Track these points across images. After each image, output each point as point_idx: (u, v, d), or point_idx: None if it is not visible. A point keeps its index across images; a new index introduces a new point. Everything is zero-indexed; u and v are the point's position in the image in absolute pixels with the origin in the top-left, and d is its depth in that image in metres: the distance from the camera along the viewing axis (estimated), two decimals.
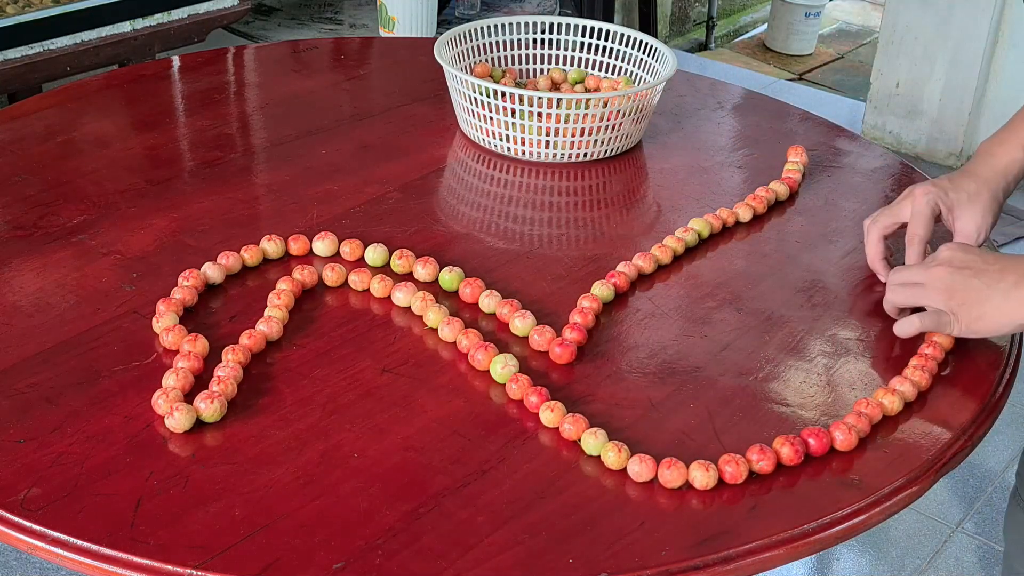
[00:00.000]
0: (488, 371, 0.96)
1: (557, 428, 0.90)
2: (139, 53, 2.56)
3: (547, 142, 1.31)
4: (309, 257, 1.12)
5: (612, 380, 0.98)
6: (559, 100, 1.30)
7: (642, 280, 1.12)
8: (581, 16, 2.12)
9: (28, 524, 0.79)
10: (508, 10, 3.38)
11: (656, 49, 1.41)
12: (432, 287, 1.08)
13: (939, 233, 1.12)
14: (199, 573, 0.75)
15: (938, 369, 1.00)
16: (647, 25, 3.86)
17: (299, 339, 1.00)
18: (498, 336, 1.02)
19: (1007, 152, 1.10)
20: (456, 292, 1.07)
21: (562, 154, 1.33)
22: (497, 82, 1.45)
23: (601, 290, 1.07)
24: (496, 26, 1.47)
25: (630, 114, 1.33)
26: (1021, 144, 1.10)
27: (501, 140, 1.33)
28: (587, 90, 1.47)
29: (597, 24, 1.46)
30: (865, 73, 3.46)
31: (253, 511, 0.80)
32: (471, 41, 1.45)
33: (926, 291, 1.00)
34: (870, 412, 0.93)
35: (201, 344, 0.96)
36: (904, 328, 1.02)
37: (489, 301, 1.05)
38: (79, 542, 0.77)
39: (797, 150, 1.35)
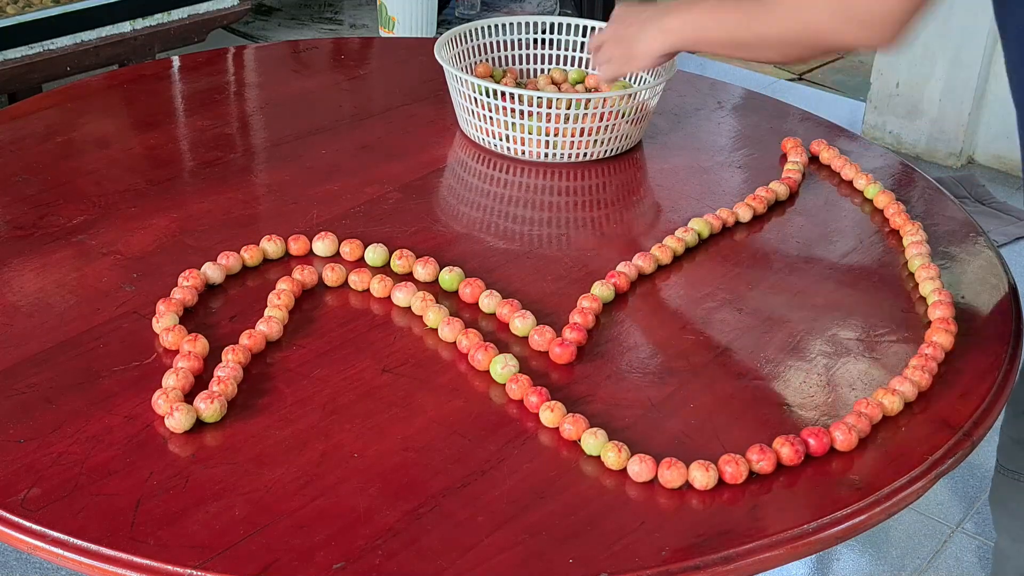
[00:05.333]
0: (488, 371, 0.96)
1: (557, 428, 0.90)
2: (139, 53, 2.56)
3: (547, 142, 1.31)
4: (309, 257, 1.12)
5: (612, 380, 0.97)
6: (559, 100, 1.30)
7: (642, 280, 1.12)
8: (581, 16, 2.12)
9: (28, 524, 0.79)
10: (508, 10, 3.38)
11: None
12: (432, 287, 1.07)
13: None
14: (199, 573, 0.75)
15: (938, 369, 1.00)
16: None
17: (299, 339, 1.00)
18: (498, 336, 1.02)
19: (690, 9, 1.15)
20: (456, 292, 1.07)
21: (562, 154, 1.33)
22: (498, 82, 1.45)
23: (601, 290, 1.07)
24: (496, 26, 1.47)
25: (630, 114, 1.33)
26: (692, 19, 1.14)
27: (501, 140, 1.33)
28: (587, 90, 1.47)
29: (597, 24, 1.46)
30: (865, 73, 3.45)
31: (253, 511, 0.80)
32: (471, 41, 1.45)
33: (604, 50, 1.26)
34: (870, 412, 0.93)
35: (201, 344, 0.96)
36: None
37: (489, 301, 1.05)
38: (79, 542, 0.77)
39: (797, 150, 1.35)
